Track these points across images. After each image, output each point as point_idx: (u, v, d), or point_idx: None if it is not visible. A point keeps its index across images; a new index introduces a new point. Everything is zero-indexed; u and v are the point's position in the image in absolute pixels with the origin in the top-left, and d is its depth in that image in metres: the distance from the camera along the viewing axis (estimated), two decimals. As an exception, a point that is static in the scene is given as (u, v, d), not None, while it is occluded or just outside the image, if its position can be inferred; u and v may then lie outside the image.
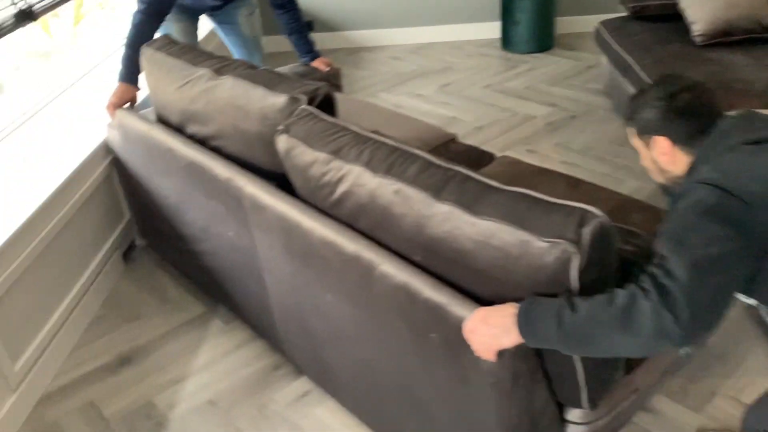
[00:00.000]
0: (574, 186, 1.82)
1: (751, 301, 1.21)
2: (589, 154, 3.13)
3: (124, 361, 2.09)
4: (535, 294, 1.12)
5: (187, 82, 1.95)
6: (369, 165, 1.39)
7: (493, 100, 3.78)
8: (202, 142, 1.96)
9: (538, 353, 1.19)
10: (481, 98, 3.82)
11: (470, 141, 2.86)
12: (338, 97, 1.81)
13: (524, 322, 1.06)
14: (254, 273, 1.85)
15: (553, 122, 3.47)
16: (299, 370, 1.98)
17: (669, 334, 0.99)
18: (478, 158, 2.22)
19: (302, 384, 1.95)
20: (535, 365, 1.19)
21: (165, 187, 2.11)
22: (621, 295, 1.04)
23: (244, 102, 1.77)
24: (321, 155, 1.47)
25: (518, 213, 1.16)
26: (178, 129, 2.05)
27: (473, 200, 1.22)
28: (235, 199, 1.74)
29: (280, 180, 1.72)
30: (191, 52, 2.04)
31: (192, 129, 1.99)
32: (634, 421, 1.74)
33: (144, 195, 2.27)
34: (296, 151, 1.52)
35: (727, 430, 1.65)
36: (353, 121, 1.56)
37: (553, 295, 1.10)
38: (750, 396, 1.79)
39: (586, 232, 1.08)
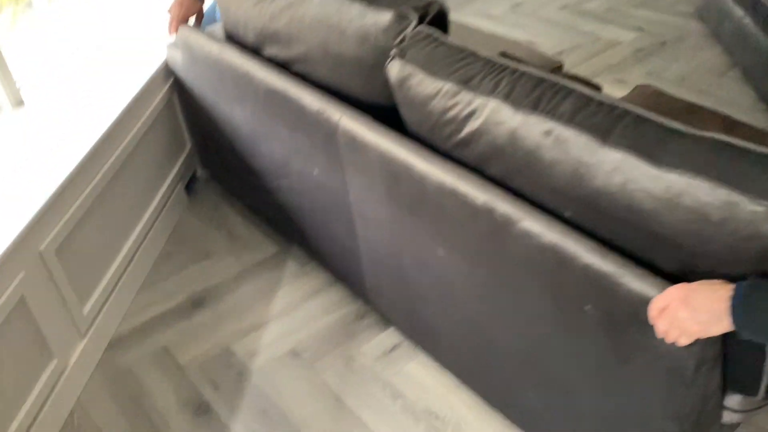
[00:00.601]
0: (729, 129, 1.57)
1: None
2: (686, 86, 2.84)
3: (197, 303, 1.95)
4: (755, 275, 0.90)
5: (266, -4, 1.70)
6: (509, 99, 1.15)
7: (571, 23, 3.44)
8: (282, 66, 1.73)
9: (723, 335, 0.99)
10: (559, 20, 3.48)
11: (558, 68, 2.58)
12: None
13: (746, 312, 0.84)
14: (342, 216, 1.66)
15: (641, 49, 3.15)
16: (386, 321, 1.82)
17: None
18: (585, 89, 1.95)
19: (390, 336, 1.79)
20: (720, 350, 1.00)
21: (236, 116, 1.90)
22: None
23: (338, 20, 1.52)
24: (446, 86, 1.24)
25: (718, 166, 0.94)
26: (253, 50, 1.82)
27: (654, 147, 1.00)
28: (327, 134, 1.52)
29: (377, 112, 1.50)
30: (269, -40, 1.78)
31: (271, 51, 1.75)
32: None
33: (209, 123, 2.06)
34: (414, 81, 1.29)
35: None
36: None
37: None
38: None
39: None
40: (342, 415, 1.60)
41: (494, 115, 1.16)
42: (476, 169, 1.24)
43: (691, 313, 0.87)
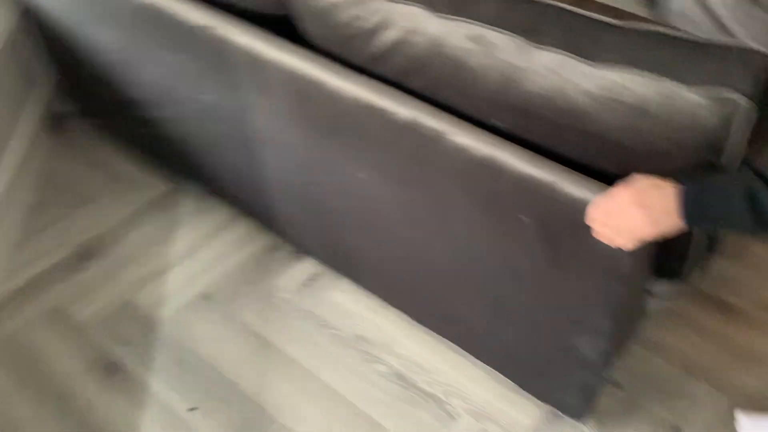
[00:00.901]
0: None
1: None
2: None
3: (85, 254, 1.75)
4: (684, 166, 0.90)
5: None
6: (427, 2, 1.06)
7: None
8: None
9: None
10: None
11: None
12: None
13: (697, 206, 0.81)
14: (244, 144, 1.52)
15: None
16: (302, 251, 1.73)
17: None
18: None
19: (307, 266, 1.71)
20: (654, 242, 1.01)
21: (105, 40, 1.65)
22: None
23: None
24: (353, -9, 1.11)
25: (653, 57, 0.91)
26: (113, -39, 1.56)
27: (586, 43, 0.95)
28: (218, 54, 1.36)
29: (270, 26, 1.35)
30: None
31: None
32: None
33: (76, 51, 1.79)
34: (316, -13, 1.15)
35: None
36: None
37: (714, 167, 0.89)
38: None
39: (761, 78, 0.85)
40: (268, 353, 1.53)
41: (411, 23, 1.06)
42: (396, 84, 1.15)
43: (645, 212, 0.84)
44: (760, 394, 1.43)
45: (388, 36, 1.10)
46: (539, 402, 1.40)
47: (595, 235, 0.94)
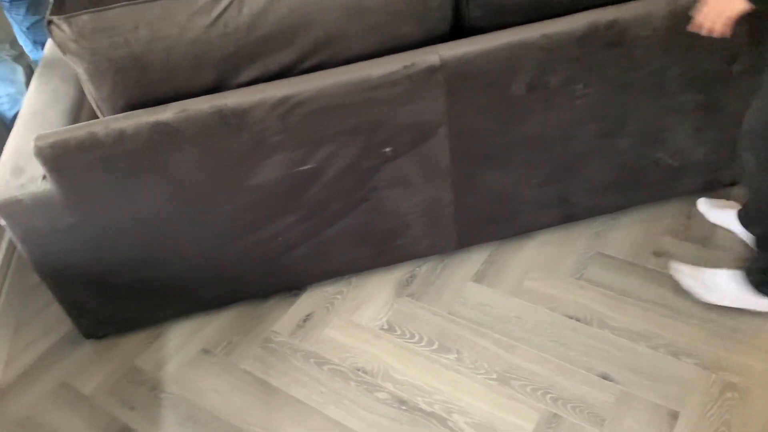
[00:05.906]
0: None
1: None
2: None
3: (84, 328, 1.81)
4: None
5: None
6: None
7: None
8: (271, 78, 1.46)
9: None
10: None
11: None
12: None
13: None
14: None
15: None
16: (293, 294, 1.79)
17: None
18: None
19: (299, 308, 1.78)
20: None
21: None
22: None
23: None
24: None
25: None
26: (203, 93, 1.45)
27: None
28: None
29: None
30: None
31: (252, 71, 1.47)
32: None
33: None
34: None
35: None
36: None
37: None
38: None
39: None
40: (272, 397, 1.58)
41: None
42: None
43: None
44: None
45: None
46: (539, 404, 1.46)
47: (699, 30, 1.35)
